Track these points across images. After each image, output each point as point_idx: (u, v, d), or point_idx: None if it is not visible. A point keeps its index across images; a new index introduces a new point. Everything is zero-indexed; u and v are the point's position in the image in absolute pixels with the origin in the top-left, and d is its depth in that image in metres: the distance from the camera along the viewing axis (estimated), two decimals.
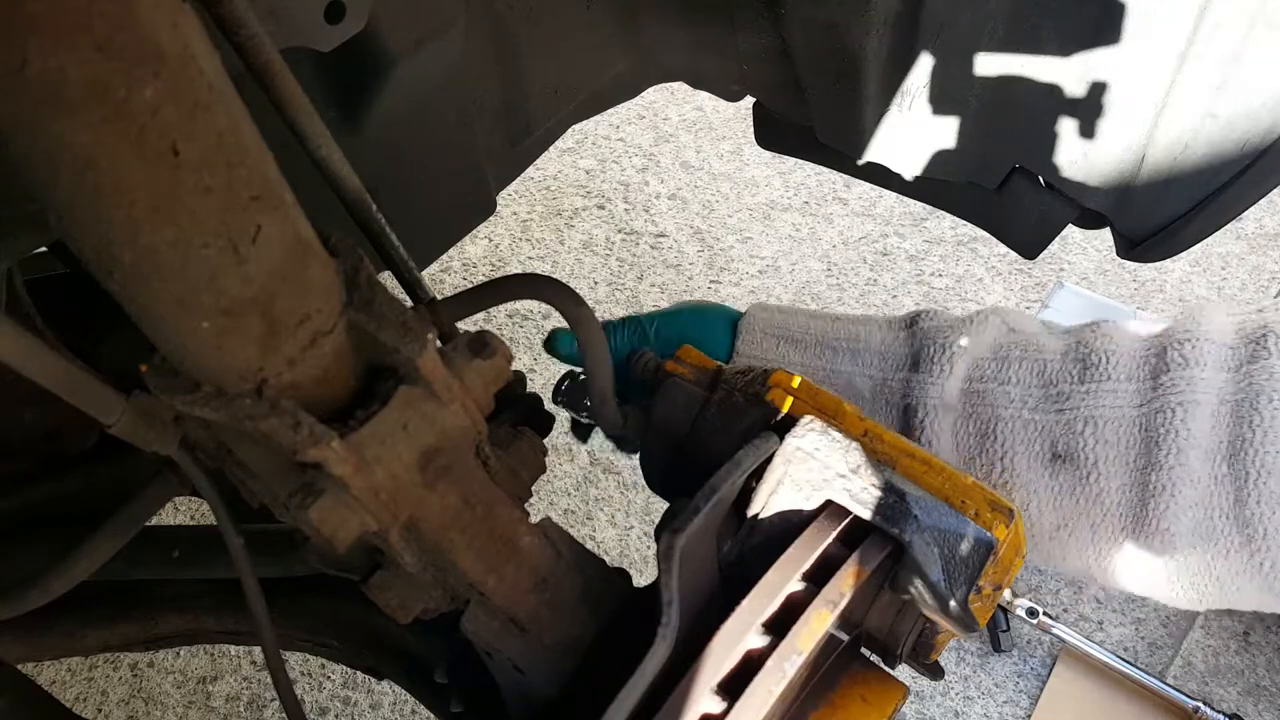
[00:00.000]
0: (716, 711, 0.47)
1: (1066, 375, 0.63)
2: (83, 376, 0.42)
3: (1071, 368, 0.63)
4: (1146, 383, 0.61)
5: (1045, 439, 0.63)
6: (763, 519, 0.57)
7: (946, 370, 0.66)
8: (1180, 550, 0.59)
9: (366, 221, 0.55)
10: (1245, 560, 0.58)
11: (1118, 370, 0.62)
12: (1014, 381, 0.65)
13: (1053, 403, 0.63)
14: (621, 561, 1.73)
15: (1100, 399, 0.61)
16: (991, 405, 0.65)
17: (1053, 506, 0.63)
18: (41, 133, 0.28)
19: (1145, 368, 0.61)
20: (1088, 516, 0.62)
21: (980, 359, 0.66)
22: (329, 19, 0.55)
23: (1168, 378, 0.60)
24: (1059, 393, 0.63)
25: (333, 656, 0.84)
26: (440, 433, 0.44)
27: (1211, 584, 0.60)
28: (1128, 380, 0.61)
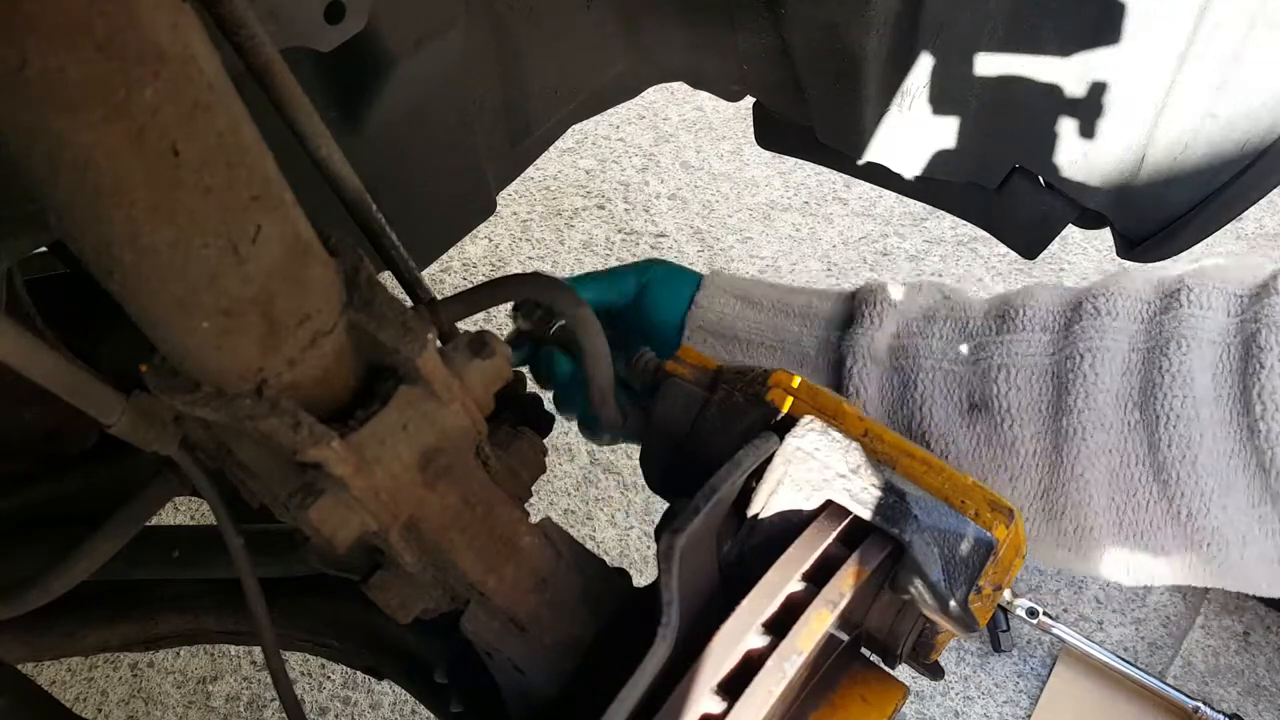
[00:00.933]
0: (716, 711, 0.47)
1: (986, 328, 0.66)
2: (83, 376, 0.42)
3: (991, 322, 0.66)
4: (1060, 333, 0.63)
5: (962, 389, 0.65)
6: (763, 519, 0.57)
7: (876, 323, 0.69)
8: (1098, 503, 0.60)
9: (366, 221, 0.55)
10: (1164, 511, 0.59)
11: (1033, 321, 0.64)
12: (937, 336, 0.67)
13: (971, 355, 0.65)
14: (621, 561, 1.73)
15: (1014, 348, 0.63)
16: (914, 357, 0.67)
17: (971, 457, 0.65)
18: (41, 133, 0.28)
19: (1060, 319, 0.64)
20: (1005, 467, 0.63)
21: (910, 317, 0.69)
22: (329, 19, 0.55)
23: (1079, 326, 0.62)
24: (978, 345, 0.65)
25: (333, 656, 0.84)
26: (440, 433, 0.44)
27: (1136, 543, 0.61)
28: (1042, 330, 0.63)
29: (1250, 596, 1.65)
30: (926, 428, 0.66)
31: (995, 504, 0.55)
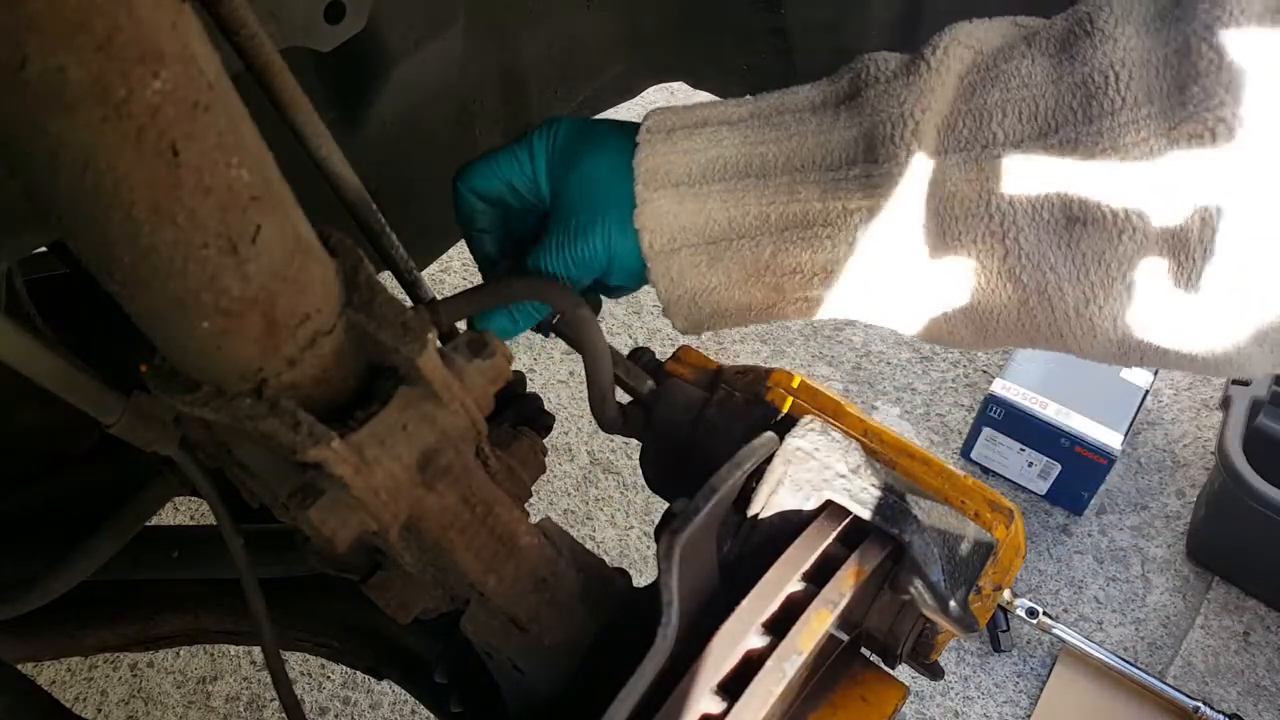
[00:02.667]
0: (716, 711, 0.47)
1: (1067, 112, 0.48)
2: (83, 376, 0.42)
3: (1071, 99, 0.48)
4: (1171, 99, 0.45)
5: (1055, 201, 0.49)
6: (763, 519, 0.57)
7: (914, 146, 0.50)
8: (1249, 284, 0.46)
9: (366, 221, 0.55)
10: None
11: (1131, 90, 0.46)
12: (1000, 139, 0.49)
13: (1059, 154, 0.48)
14: (621, 561, 1.73)
15: (1119, 135, 0.46)
16: (976, 178, 0.50)
17: (1075, 280, 0.50)
18: (41, 133, 0.28)
19: (1167, 75, 0.46)
20: (1123, 280, 0.49)
21: (949, 116, 0.51)
22: (329, 19, 0.55)
23: (1199, 87, 0.44)
24: (1062, 140, 0.48)
25: (333, 656, 0.84)
26: (440, 433, 0.44)
27: None
28: (1147, 101, 0.46)
29: (1250, 596, 1.65)
30: (1016, 263, 0.50)
31: (995, 504, 0.55)
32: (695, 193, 0.54)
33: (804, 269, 0.55)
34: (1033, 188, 0.49)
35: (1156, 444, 1.86)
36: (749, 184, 0.54)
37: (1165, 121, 0.45)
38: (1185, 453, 1.85)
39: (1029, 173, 0.49)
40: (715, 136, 0.55)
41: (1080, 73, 0.48)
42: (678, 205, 0.55)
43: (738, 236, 0.55)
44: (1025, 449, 1.73)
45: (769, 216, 0.54)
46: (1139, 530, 1.75)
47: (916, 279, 0.53)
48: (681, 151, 0.55)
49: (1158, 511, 1.77)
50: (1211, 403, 1.91)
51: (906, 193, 0.51)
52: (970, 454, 1.81)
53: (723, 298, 0.58)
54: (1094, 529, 1.75)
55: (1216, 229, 0.46)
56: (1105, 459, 1.65)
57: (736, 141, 0.54)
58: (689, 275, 0.57)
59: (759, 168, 0.54)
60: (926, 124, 0.50)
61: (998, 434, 1.75)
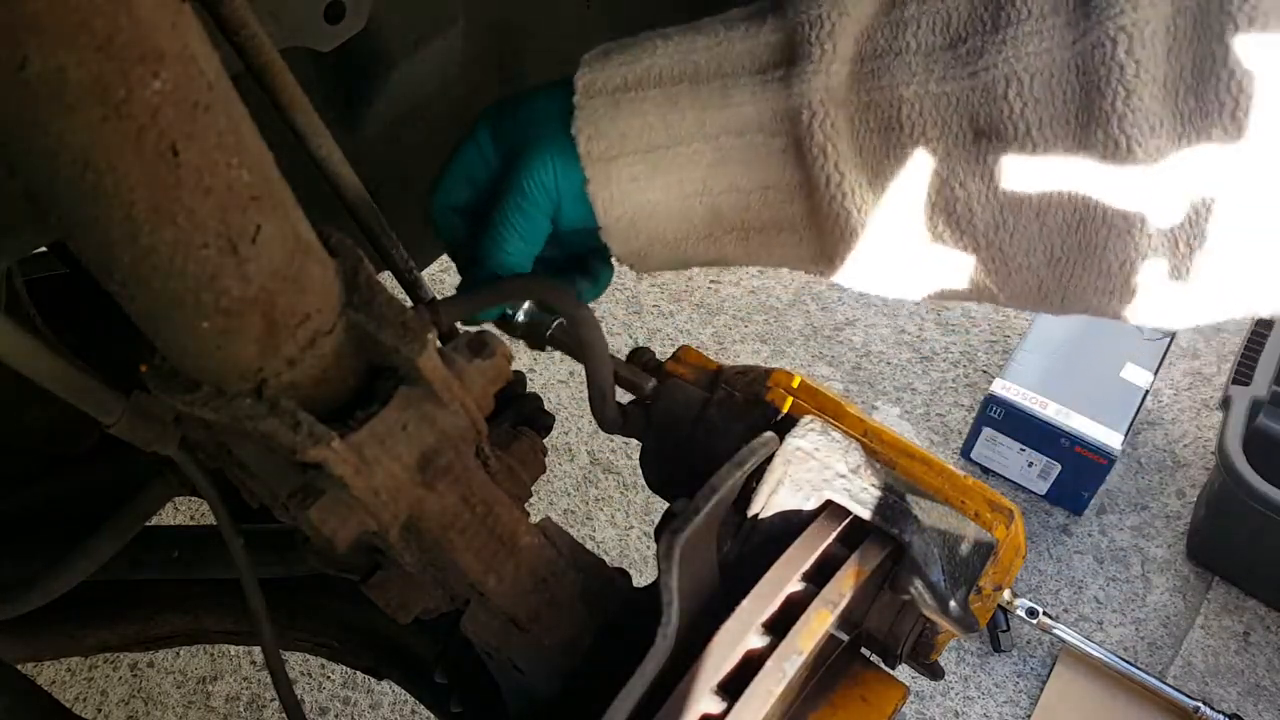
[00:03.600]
0: (716, 711, 0.47)
1: (977, 23, 0.49)
2: (83, 376, 0.42)
3: (982, 11, 0.49)
4: (1077, 11, 0.46)
5: (962, 112, 0.49)
6: (763, 519, 0.57)
7: (829, 50, 0.50)
8: None
9: (366, 221, 0.55)
10: None
11: (1039, 2, 0.47)
12: (913, 48, 0.50)
13: (963, 64, 0.48)
14: (621, 561, 1.73)
15: (1021, 46, 0.47)
16: (890, 84, 0.50)
17: (985, 199, 0.50)
18: (41, 133, 0.28)
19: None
20: (1029, 204, 0.49)
21: (868, 27, 0.51)
22: (329, 19, 0.55)
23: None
24: (969, 49, 0.48)
25: (333, 656, 0.84)
26: (440, 433, 0.45)
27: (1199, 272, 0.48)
28: (1053, 13, 0.47)
29: (1250, 596, 1.65)
30: (922, 173, 0.51)
31: (995, 504, 0.55)
32: (631, 98, 0.54)
33: (740, 185, 0.54)
34: (940, 101, 0.49)
35: (1156, 444, 1.86)
36: (683, 89, 0.53)
37: (1071, 31, 0.46)
38: (1185, 453, 1.85)
39: (936, 84, 0.49)
40: (649, 47, 0.55)
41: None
42: (614, 109, 0.54)
43: (675, 143, 0.54)
44: (1025, 449, 1.73)
45: (704, 122, 0.53)
46: (1139, 530, 1.75)
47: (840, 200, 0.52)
48: (617, 64, 0.55)
49: (1158, 511, 1.77)
50: (1211, 403, 1.91)
51: (827, 98, 0.51)
52: (970, 454, 1.81)
53: (661, 219, 0.56)
54: (1094, 529, 1.75)
55: None
56: (1105, 459, 1.65)
57: (669, 50, 0.54)
58: (628, 188, 0.55)
59: (692, 74, 0.54)
60: (843, 30, 0.51)
61: (998, 434, 1.75)
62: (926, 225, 0.51)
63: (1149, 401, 1.87)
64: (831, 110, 0.51)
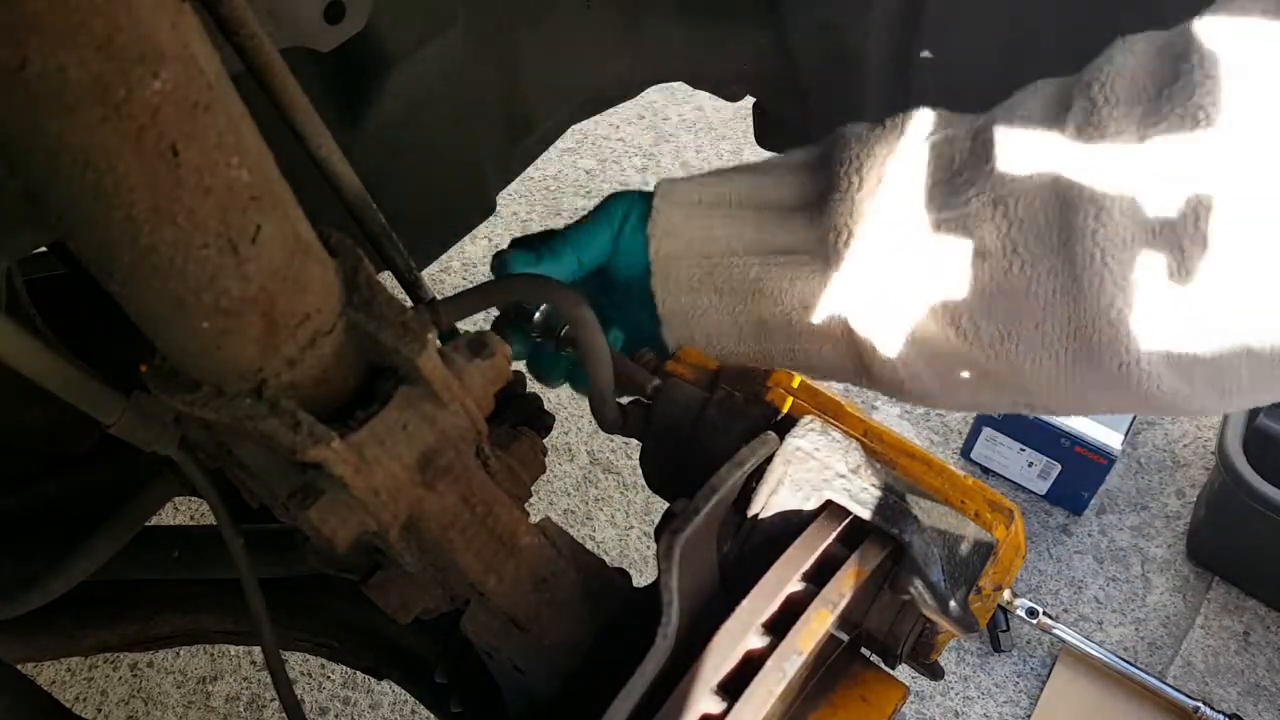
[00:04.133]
0: (716, 711, 0.47)
1: (974, 158, 0.55)
2: (83, 376, 0.42)
3: (977, 147, 0.55)
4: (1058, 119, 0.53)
5: (965, 238, 0.54)
6: (763, 519, 0.57)
7: (856, 182, 0.57)
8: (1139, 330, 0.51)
9: (366, 221, 0.55)
10: None
11: (1015, 141, 0.54)
12: (915, 185, 0.57)
13: (958, 192, 0.55)
14: (621, 561, 1.73)
15: (1006, 176, 0.53)
16: (895, 214, 0.57)
17: (985, 314, 0.55)
18: (41, 133, 0.28)
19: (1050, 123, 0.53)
20: (1030, 315, 0.53)
21: (895, 174, 0.58)
22: (329, 19, 0.55)
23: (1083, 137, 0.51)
24: (964, 181, 0.55)
25: (333, 656, 0.84)
26: (440, 433, 0.45)
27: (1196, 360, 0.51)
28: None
29: (1250, 596, 1.65)
30: (929, 296, 0.56)
31: (995, 504, 0.55)
32: (703, 212, 0.63)
33: (784, 298, 0.61)
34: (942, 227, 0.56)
35: (1156, 444, 1.86)
36: (748, 213, 0.62)
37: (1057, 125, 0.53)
38: (1185, 453, 1.85)
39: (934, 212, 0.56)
40: (725, 177, 0.64)
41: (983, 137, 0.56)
42: (685, 221, 0.63)
43: (731, 255, 0.62)
44: (1025, 449, 1.73)
45: (763, 241, 0.61)
46: (1139, 530, 1.75)
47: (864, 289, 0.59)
48: (697, 184, 0.64)
49: (1158, 511, 1.77)
50: None
51: (850, 221, 0.58)
52: (970, 454, 1.81)
53: (712, 321, 0.64)
54: (1094, 529, 1.75)
55: None
56: (1105, 459, 1.65)
57: (741, 180, 0.63)
58: (684, 288, 0.63)
59: (759, 201, 0.62)
60: (867, 174, 0.58)
61: (998, 434, 1.75)
62: (939, 334, 0.57)
63: None
64: (847, 234, 0.58)
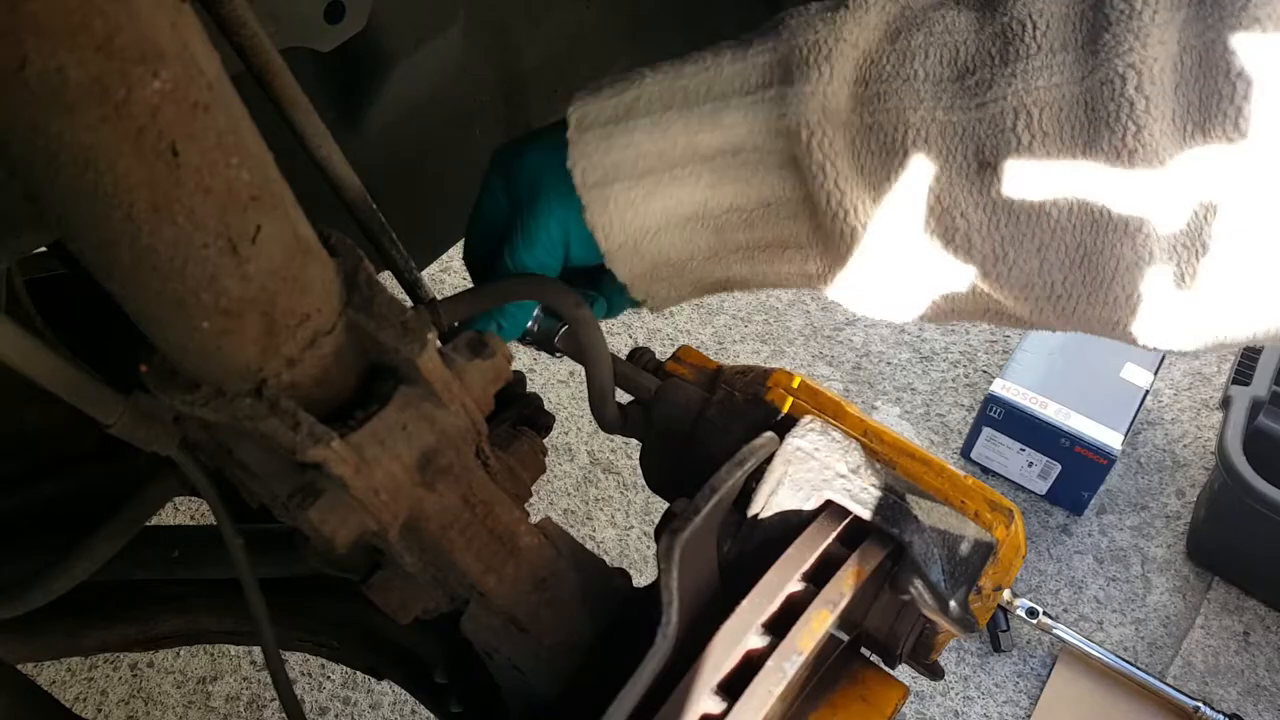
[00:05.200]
0: (716, 711, 0.47)
1: (985, 56, 0.49)
2: (82, 376, 0.42)
3: (990, 45, 0.49)
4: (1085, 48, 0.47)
5: (968, 143, 0.49)
6: (763, 519, 0.57)
7: (826, 73, 0.51)
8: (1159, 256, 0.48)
9: (366, 221, 0.55)
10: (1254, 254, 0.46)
11: (1048, 38, 0.47)
12: (920, 76, 0.50)
13: (971, 95, 0.49)
14: (621, 561, 1.73)
15: (1030, 79, 0.47)
16: (896, 108, 0.50)
17: (987, 230, 0.50)
18: (41, 133, 0.28)
19: (1082, 29, 0.47)
20: (1032, 236, 0.49)
21: (871, 51, 0.51)
22: (329, 19, 0.55)
23: (1111, 35, 0.46)
24: (978, 81, 0.49)
25: (333, 656, 0.84)
26: (440, 433, 0.44)
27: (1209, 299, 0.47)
28: (1062, 49, 0.47)
29: (1250, 596, 1.65)
30: (923, 198, 0.51)
31: (995, 504, 0.55)
32: (622, 128, 0.54)
33: (739, 204, 0.55)
34: (946, 129, 0.49)
35: (1156, 444, 1.86)
36: (673, 115, 0.54)
37: (1080, 67, 0.46)
38: (1185, 453, 1.85)
39: (944, 112, 0.49)
40: (637, 78, 0.55)
41: (1000, 21, 0.48)
42: (605, 141, 0.55)
43: (669, 167, 0.54)
44: (1025, 449, 1.73)
45: (697, 144, 0.53)
46: (1139, 530, 1.75)
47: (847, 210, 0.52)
48: (606, 98, 0.55)
49: (1158, 511, 1.77)
50: (1211, 403, 1.91)
51: (825, 118, 0.51)
52: (970, 454, 1.81)
53: (664, 242, 0.57)
54: (1094, 529, 1.75)
55: None
56: (1105, 459, 1.65)
57: (658, 79, 0.55)
58: (626, 213, 0.56)
59: (681, 100, 0.54)
60: (843, 53, 0.51)
61: (998, 434, 1.75)
62: (927, 248, 0.52)
63: (1149, 401, 1.86)
64: (829, 130, 0.51)
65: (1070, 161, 0.47)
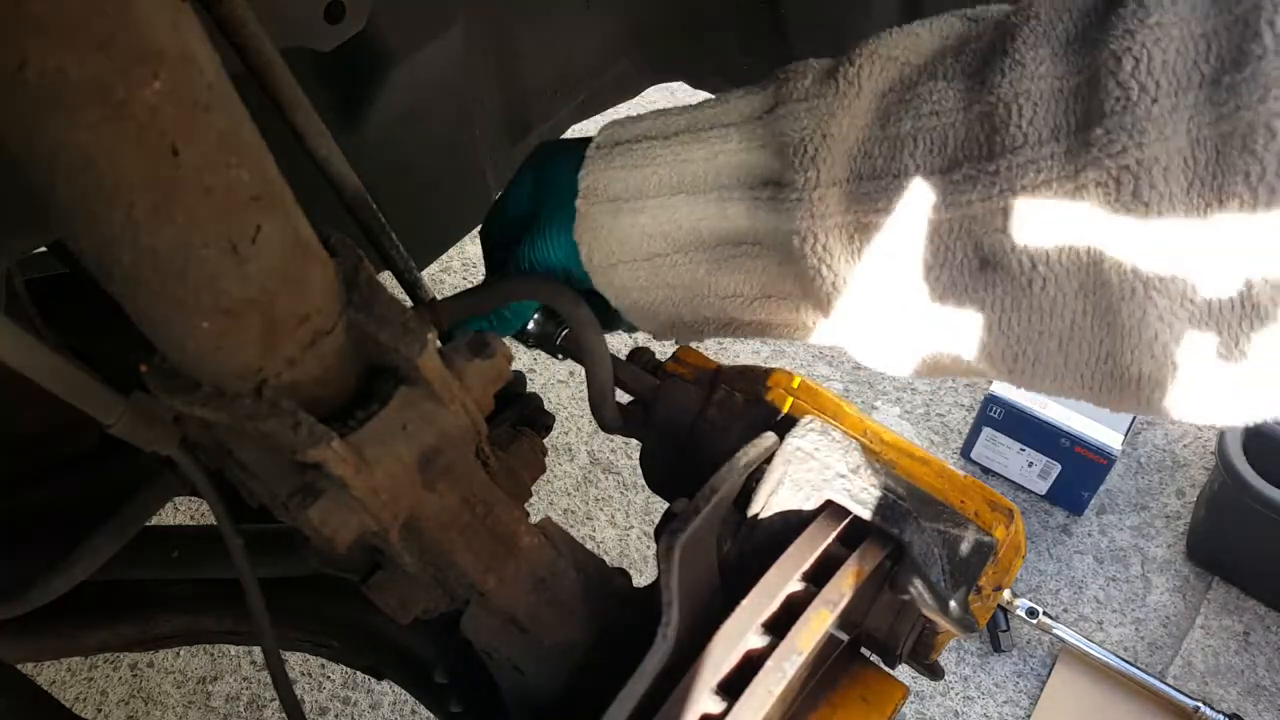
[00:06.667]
0: (716, 711, 0.47)
1: (973, 145, 0.45)
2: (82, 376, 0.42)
3: (978, 131, 0.45)
4: (1077, 137, 0.42)
5: (966, 242, 0.46)
6: (763, 519, 0.57)
7: (813, 176, 0.48)
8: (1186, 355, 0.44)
9: (366, 221, 0.55)
10: None
11: (1035, 126, 0.43)
12: (909, 170, 0.47)
13: (960, 191, 0.45)
14: (621, 561, 1.73)
15: (1015, 178, 0.43)
16: (887, 209, 0.47)
17: (1000, 329, 0.47)
18: (41, 133, 0.28)
19: (1075, 111, 0.42)
20: (1050, 334, 0.46)
21: (863, 142, 0.48)
22: (329, 19, 0.55)
23: (1102, 129, 0.40)
24: (965, 176, 0.45)
25: (333, 656, 0.84)
26: (440, 433, 0.44)
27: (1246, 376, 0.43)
28: (1052, 138, 0.42)
29: (1250, 596, 1.65)
30: (929, 299, 0.48)
31: (995, 504, 0.55)
32: (630, 208, 0.55)
33: (742, 292, 0.55)
34: (940, 229, 0.47)
35: (1156, 444, 1.86)
36: (680, 200, 0.54)
37: (1070, 164, 0.42)
38: (1185, 453, 1.85)
39: (934, 211, 0.47)
40: (649, 153, 0.55)
41: (987, 101, 0.44)
42: (613, 220, 0.55)
43: (672, 251, 0.55)
44: (1025, 449, 1.73)
45: (700, 232, 0.54)
46: (1139, 530, 1.75)
47: (847, 306, 0.51)
48: (618, 168, 0.55)
49: (1158, 511, 1.77)
50: None
51: (816, 223, 0.49)
52: (970, 454, 1.81)
53: (673, 313, 0.58)
54: (1094, 529, 1.75)
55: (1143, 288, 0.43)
56: (1105, 459, 1.65)
57: (668, 158, 0.54)
58: (632, 289, 0.57)
59: (689, 184, 0.54)
60: (831, 150, 0.49)
61: (998, 434, 1.75)
62: (938, 342, 0.50)
63: None
64: (822, 234, 0.49)
65: (1073, 260, 0.44)
